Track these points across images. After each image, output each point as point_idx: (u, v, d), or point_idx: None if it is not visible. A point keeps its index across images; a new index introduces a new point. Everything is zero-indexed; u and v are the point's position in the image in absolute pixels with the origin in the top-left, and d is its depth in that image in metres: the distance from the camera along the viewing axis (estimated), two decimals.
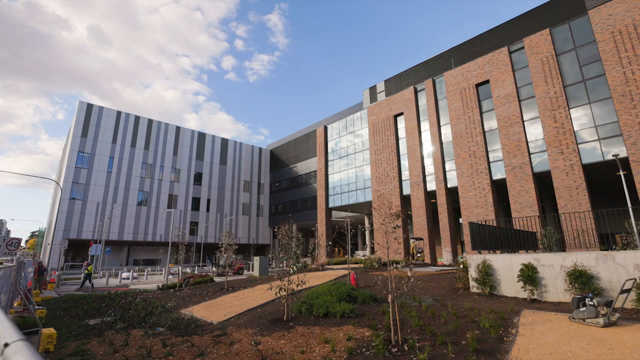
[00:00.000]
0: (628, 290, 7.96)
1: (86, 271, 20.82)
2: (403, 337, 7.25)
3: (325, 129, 42.23)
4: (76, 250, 47.70)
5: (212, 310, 12.04)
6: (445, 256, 27.29)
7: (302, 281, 10.42)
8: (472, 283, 12.18)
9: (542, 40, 24.49)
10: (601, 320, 7.45)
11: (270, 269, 26.50)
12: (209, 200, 57.98)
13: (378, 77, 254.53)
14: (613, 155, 19.09)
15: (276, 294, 9.87)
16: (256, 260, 24.05)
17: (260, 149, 66.79)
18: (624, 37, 21.04)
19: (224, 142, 62.23)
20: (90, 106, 48.69)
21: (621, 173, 18.69)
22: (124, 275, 29.49)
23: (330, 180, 40.25)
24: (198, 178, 57.58)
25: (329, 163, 40.88)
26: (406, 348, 6.62)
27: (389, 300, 7.38)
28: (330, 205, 39.49)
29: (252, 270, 30.89)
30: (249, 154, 64.81)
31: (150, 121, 53.99)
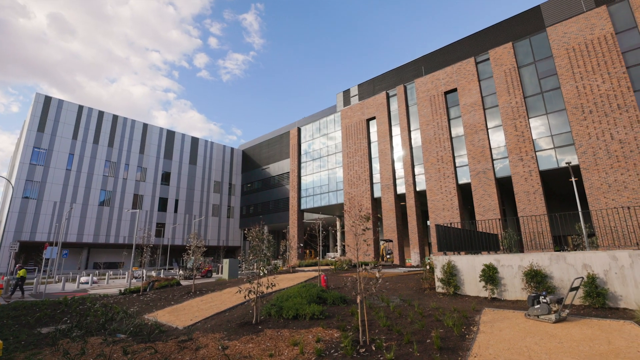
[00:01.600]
0: (576, 288, 8.56)
1: (17, 275, 18.56)
2: (371, 337, 7.38)
3: (299, 130, 42.23)
4: (28, 253, 44.49)
5: (178, 315, 11.66)
6: (413, 257, 28.06)
7: (272, 283, 10.34)
8: (437, 283, 12.61)
9: (505, 53, 25.89)
10: (553, 317, 7.97)
11: (240, 272, 26.06)
12: (177, 201, 56.16)
13: (352, 80, 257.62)
14: (566, 163, 20.51)
15: (245, 296, 9.72)
16: (225, 262, 23.57)
17: (232, 149, 65.62)
18: (577, 54, 22.68)
19: (194, 141, 60.58)
20: (48, 99, 45.75)
21: (573, 180, 20.09)
22: (83, 279, 27.89)
23: (302, 182, 40.26)
24: (166, 178, 55.64)
25: (302, 165, 40.90)
26: (374, 348, 6.75)
27: (358, 301, 7.49)
28: (303, 207, 39.48)
29: (221, 273, 30.22)
30: (220, 154, 63.46)
31: (115, 117, 51.56)
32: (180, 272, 27.53)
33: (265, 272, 10.62)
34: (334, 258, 33.98)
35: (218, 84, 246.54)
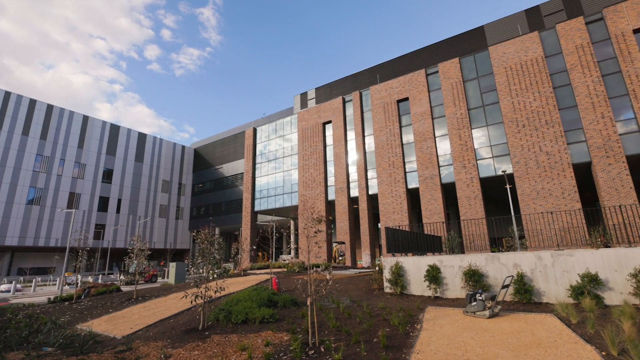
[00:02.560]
0: (507, 286, 9.38)
1: None
2: (320, 338, 7.46)
3: (255, 131, 41.56)
4: None
5: (117, 324, 10.86)
6: (364, 259, 28.85)
7: (221, 287, 10.03)
8: (385, 284, 13.09)
9: (453, 67, 27.73)
10: (487, 312, 8.65)
11: (187, 276, 24.94)
12: (119, 201, 52.32)
13: (309, 84, 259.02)
14: (502, 171, 22.43)
15: (192, 302, 9.32)
16: (172, 266, 22.41)
17: (183, 147, 62.68)
18: (513, 72, 24.97)
19: (142, 137, 56.95)
20: None
21: (507, 187, 22.03)
22: (3, 287, 24.89)
23: (257, 183, 39.62)
24: (108, 175, 51.61)
25: (257, 166, 40.27)
26: (322, 349, 6.82)
27: (308, 303, 7.53)
28: (257, 208, 38.84)
29: (167, 277, 28.68)
30: (170, 152, 60.29)
31: (50, 107, 46.83)
32: (122, 277, 25.61)
33: (215, 275, 10.28)
34: (284, 260, 33.83)
35: (170, 78, 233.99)
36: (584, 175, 23.81)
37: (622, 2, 22.46)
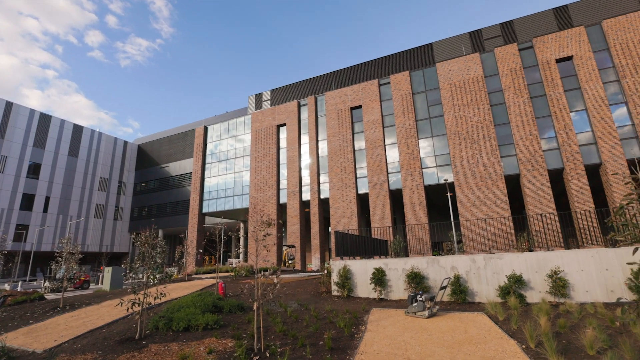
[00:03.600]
0: (445, 287, 10.04)
1: None
2: (266, 343, 7.36)
3: (206, 129, 40.05)
4: None
5: (37, 336, 9.75)
6: (314, 262, 29.05)
7: (162, 293, 9.47)
8: (333, 287, 13.31)
9: (403, 79, 29.18)
10: (426, 313, 9.17)
11: (125, 281, 23.19)
12: (47, 199, 47.19)
13: (265, 85, 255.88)
14: (444, 180, 24.03)
15: (128, 309, 8.68)
16: (107, 271, 20.69)
17: (125, 142, 58.35)
18: (457, 89, 26.94)
19: (78, 129, 52.03)
20: None
21: (449, 194, 23.63)
22: None
23: (206, 184, 38.14)
24: (35, 170, 46.33)
25: (207, 166, 38.78)
26: (268, 354, 6.74)
27: (255, 308, 7.40)
28: (205, 210, 37.34)
29: (102, 283, 26.41)
30: (110, 147, 55.76)
31: None
32: (47, 283, 23.01)
33: (156, 281, 9.69)
34: (231, 264, 32.92)
35: (114, 68, 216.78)
36: (513, 185, 26.33)
37: (548, 34, 25.37)
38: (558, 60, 24.70)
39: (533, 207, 22.54)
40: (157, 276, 9.97)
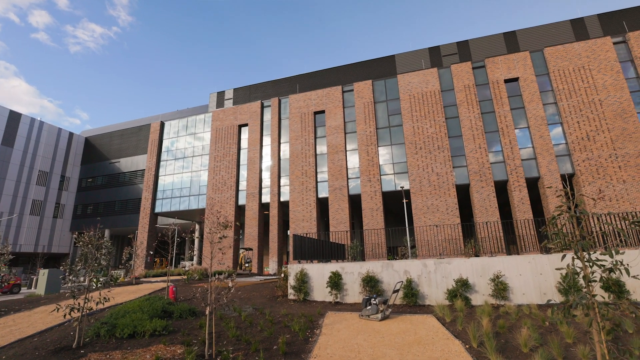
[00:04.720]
0: (398, 290, 10.41)
1: None
2: (218, 349, 7.14)
3: (162, 125, 38.20)
4: None
5: None
6: (271, 266, 28.71)
7: (105, 298, 8.83)
8: (290, 290, 13.24)
9: (366, 88, 29.98)
10: (379, 315, 9.43)
11: (63, 285, 21.32)
12: None
13: (228, 83, 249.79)
14: (401, 187, 24.97)
15: (65, 315, 7.98)
16: (43, 273, 18.91)
17: (71, 134, 53.86)
18: (416, 100, 28.19)
19: (14, 116, 47.16)
20: None
21: (405, 201, 24.57)
22: None
23: (160, 182, 36.30)
24: None
25: (162, 163, 36.95)
26: None
27: (207, 312, 7.16)
28: (158, 210, 35.49)
29: (35, 287, 24.07)
30: (52, 138, 51.15)
31: None
32: None
33: (100, 284, 9.03)
34: (183, 267, 31.56)
35: (62, 53, 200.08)
36: (464, 195, 28.01)
37: (498, 56, 27.44)
38: (506, 81, 26.79)
39: (480, 216, 24.11)
40: (101, 279, 9.30)
